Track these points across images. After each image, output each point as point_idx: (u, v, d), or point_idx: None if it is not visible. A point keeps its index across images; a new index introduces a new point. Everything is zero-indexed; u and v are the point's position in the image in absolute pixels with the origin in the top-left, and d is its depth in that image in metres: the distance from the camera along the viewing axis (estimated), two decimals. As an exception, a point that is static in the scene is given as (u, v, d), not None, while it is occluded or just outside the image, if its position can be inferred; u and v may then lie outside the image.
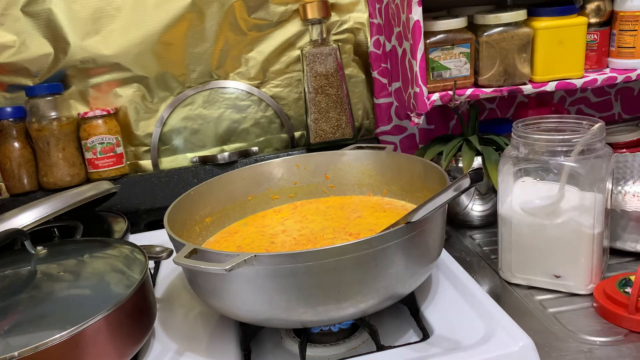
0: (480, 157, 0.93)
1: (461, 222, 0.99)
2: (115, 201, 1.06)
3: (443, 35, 0.91)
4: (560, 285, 0.76)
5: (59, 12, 1.02)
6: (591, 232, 0.72)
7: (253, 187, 0.90)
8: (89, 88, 1.08)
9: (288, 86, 1.14)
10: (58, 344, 0.55)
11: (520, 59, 0.92)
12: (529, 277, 0.78)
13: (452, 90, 0.92)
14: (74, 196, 0.84)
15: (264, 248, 0.76)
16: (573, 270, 0.75)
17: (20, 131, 1.06)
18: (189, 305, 0.78)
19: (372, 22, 1.09)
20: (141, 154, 1.14)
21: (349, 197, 0.91)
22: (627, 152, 0.98)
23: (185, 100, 1.11)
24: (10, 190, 1.07)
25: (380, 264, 0.61)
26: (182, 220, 0.78)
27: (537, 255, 0.76)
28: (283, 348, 0.70)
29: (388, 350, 0.64)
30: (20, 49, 1.03)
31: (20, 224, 0.76)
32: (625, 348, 0.65)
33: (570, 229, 0.73)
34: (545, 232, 0.75)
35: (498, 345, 0.61)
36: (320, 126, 1.08)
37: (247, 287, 0.61)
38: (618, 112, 1.19)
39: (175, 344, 0.69)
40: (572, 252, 0.74)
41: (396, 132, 1.16)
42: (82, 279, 0.70)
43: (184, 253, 0.60)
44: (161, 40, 1.06)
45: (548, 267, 0.76)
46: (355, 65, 1.14)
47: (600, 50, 0.95)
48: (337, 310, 0.62)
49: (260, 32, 1.09)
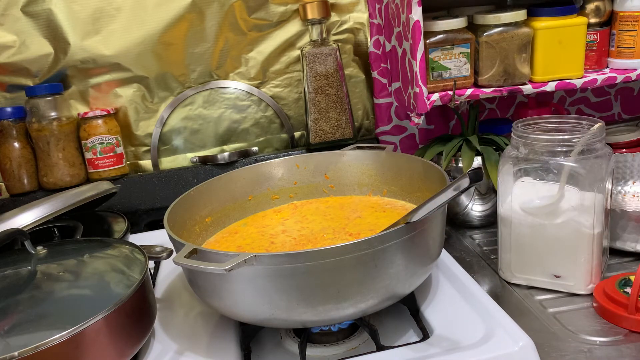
0: (480, 157, 0.93)
1: (461, 222, 0.99)
2: (115, 201, 1.06)
3: (443, 36, 0.91)
4: (560, 285, 0.76)
5: (59, 12, 1.02)
6: (591, 232, 0.73)
7: (253, 187, 0.90)
8: (89, 88, 1.08)
9: (288, 86, 1.14)
10: (58, 344, 0.55)
11: (520, 59, 0.92)
12: (528, 277, 0.78)
13: (452, 90, 0.92)
14: (74, 196, 0.84)
15: (264, 248, 0.76)
16: (573, 270, 0.75)
17: (20, 131, 1.06)
18: (189, 305, 0.78)
19: (372, 22, 1.09)
20: (141, 154, 1.14)
21: (349, 197, 0.91)
22: (627, 152, 0.98)
23: (185, 100, 1.11)
24: (10, 190, 1.07)
25: (380, 264, 0.61)
26: (182, 220, 0.78)
27: (537, 255, 0.76)
28: (283, 348, 0.70)
29: (388, 350, 0.64)
30: (20, 49, 1.03)
31: (20, 224, 0.76)
32: (625, 348, 0.65)
33: (570, 229, 0.73)
34: (545, 232, 0.75)
35: (498, 345, 0.61)
36: (320, 126, 1.08)
37: (247, 287, 0.61)
38: (618, 112, 1.19)
39: (175, 344, 0.69)
40: (572, 252, 0.74)
41: (396, 132, 1.16)
42: (82, 279, 0.70)
43: (184, 253, 0.60)
44: (161, 40, 1.06)
45: (548, 267, 0.76)
46: (355, 65, 1.14)
47: (600, 50, 0.95)
48: (337, 310, 0.62)
49: (260, 32, 1.09)
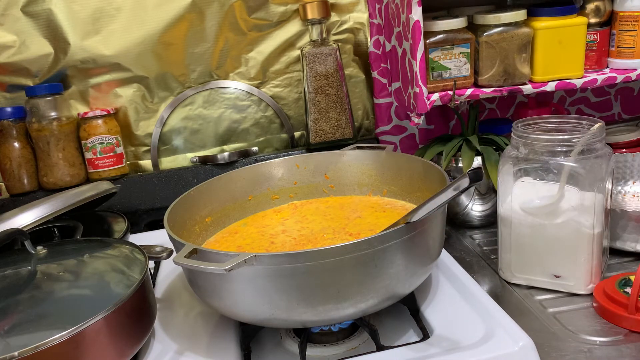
0: (480, 157, 0.93)
1: (461, 222, 0.99)
2: (115, 201, 1.06)
3: (443, 35, 0.91)
4: (560, 285, 0.76)
5: (59, 12, 1.02)
6: (591, 232, 0.73)
7: (253, 187, 0.90)
8: (89, 88, 1.08)
9: (288, 86, 1.14)
10: (58, 344, 0.55)
11: (520, 59, 0.92)
12: (528, 277, 0.78)
13: (452, 90, 0.92)
14: (74, 196, 0.84)
15: (264, 248, 0.76)
16: (573, 270, 0.75)
17: (20, 131, 1.06)
18: (189, 305, 0.78)
19: (372, 22, 1.09)
20: (141, 154, 1.14)
21: (349, 197, 0.91)
22: (627, 152, 0.98)
23: (185, 100, 1.11)
24: (10, 190, 1.07)
25: (380, 264, 0.61)
26: (182, 220, 0.78)
27: (537, 255, 0.76)
28: (283, 348, 0.70)
29: (388, 350, 0.64)
30: (20, 49, 1.03)
31: (20, 224, 0.76)
32: (625, 348, 0.65)
33: (570, 229, 0.73)
34: (545, 232, 0.75)
35: (498, 345, 0.61)
36: (320, 126, 1.08)
37: (247, 287, 0.61)
38: (618, 112, 1.19)
39: (175, 344, 0.69)
40: (571, 252, 0.74)
41: (396, 132, 1.16)
42: (82, 279, 0.70)
43: (184, 253, 0.60)
44: (161, 40, 1.06)
45: (548, 267, 0.76)
46: (355, 65, 1.14)
47: (600, 50, 0.95)
48: (337, 310, 0.62)
49: (260, 32, 1.09)
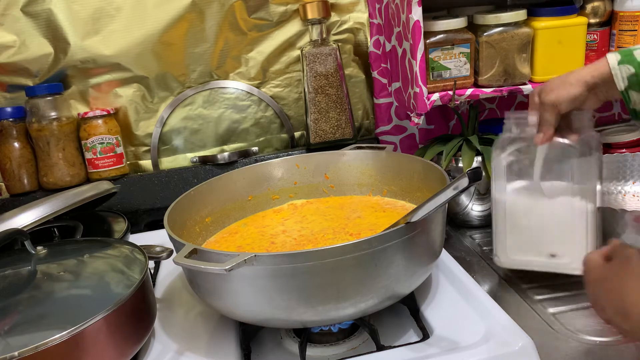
0: (480, 157, 0.93)
1: (461, 222, 0.99)
2: (115, 201, 1.06)
3: (443, 35, 0.91)
4: (556, 265, 0.76)
5: (59, 12, 1.02)
6: (584, 207, 0.72)
7: (253, 187, 0.90)
8: (89, 88, 1.08)
9: (288, 86, 1.13)
10: (58, 344, 0.55)
11: (520, 59, 0.92)
12: (524, 259, 0.78)
13: (452, 90, 0.92)
14: (74, 196, 0.84)
15: (264, 248, 0.76)
16: (569, 248, 0.74)
17: (20, 131, 1.06)
18: (189, 305, 0.78)
19: (372, 22, 1.09)
20: (141, 154, 1.13)
21: (349, 197, 0.91)
22: (627, 152, 0.98)
23: (185, 100, 1.11)
24: (10, 190, 1.07)
25: (380, 264, 0.61)
26: (182, 220, 0.78)
27: (532, 235, 0.76)
28: (283, 348, 0.70)
29: (388, 350, 0.64)
30: (20, 49, 1.03)
31: (20, 224, 0.76)
32: (625, 348, 0.65)
33: (564, 205, 0.73)
34: (539, 210, 0.75)
35: (498, 345, 0.61)
36: (320, 126, 1.08)
37: (247, 287, 0.61)
38: (618, 112, 1.19)
39: (175, 344, 0.69)
40: (566, 229, 0.74)
41: (396, 132, 1.15)
42: (82, 279, 0.70)
43: (184, 253, 0.60)
44: (161, 40, 1.06)
45: (543, 246, 0.76)
46: (355, 65, 1.14)
47: (600, 50, 0.95)
48: (337, 310, 0.62)
49: (260, 32, 1.09)
